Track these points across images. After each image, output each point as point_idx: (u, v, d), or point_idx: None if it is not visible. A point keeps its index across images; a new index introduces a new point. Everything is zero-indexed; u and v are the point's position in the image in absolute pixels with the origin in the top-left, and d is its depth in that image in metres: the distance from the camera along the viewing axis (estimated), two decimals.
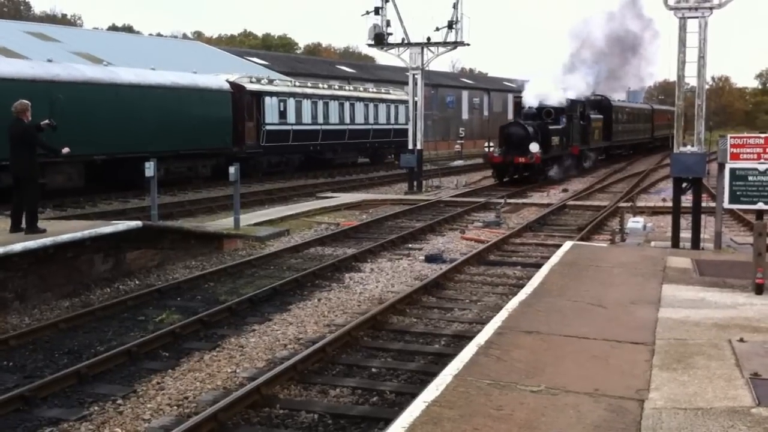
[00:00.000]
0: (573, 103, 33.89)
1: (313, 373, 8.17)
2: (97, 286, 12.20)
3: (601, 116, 39.75)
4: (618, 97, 50.16)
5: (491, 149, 34.94)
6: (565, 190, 27.86)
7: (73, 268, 11.95)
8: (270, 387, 7.51)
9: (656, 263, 10.41)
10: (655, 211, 21.00)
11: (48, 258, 11.36)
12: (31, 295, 11.05)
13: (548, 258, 11.64)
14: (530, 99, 31.99)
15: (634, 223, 16.31)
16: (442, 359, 8.46)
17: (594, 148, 38.51)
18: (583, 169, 36.18)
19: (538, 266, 11.82)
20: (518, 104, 31.82)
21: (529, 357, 6.16)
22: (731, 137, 11.91)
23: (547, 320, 7.29)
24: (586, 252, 11.59)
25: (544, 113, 31.92)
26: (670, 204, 18.54)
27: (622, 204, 21.67)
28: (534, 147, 29.07)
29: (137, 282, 12.75)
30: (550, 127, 31.50)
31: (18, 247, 10.77)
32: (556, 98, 32.44)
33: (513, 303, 8.00)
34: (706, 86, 15.11)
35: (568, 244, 12.22)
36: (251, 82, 32.15)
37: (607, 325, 7.18)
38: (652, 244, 14.72)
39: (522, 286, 9.81)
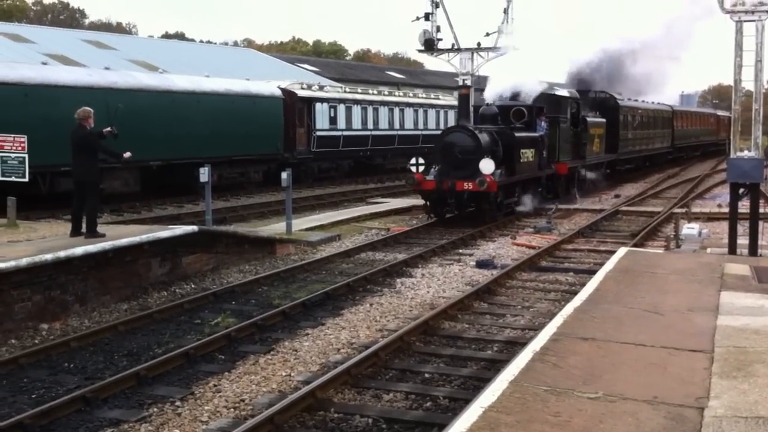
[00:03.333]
0: (560, 101, 24.32)
1: (367, 378, 8.23)
2: (154, 289, 12.44)
3: (603, 120, 29.39)
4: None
5: (420, 169, 19.80)
6: (617, 196, 27.53)
7: (132, 272, 12.19)
8: (325, 391, 7.59)
9: (713, 270, 10.25)
10: (710, 218, 20.64)
11: (107, 262, 11.62)
12: (90, 298, 11.32)
13: (601, 264, 11.53)
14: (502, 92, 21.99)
15: (689, 229, 16.05)
16: (495, 365, 8.47)
17: (592, 163, 27.92)
18: (574, 196, 25.44)
19: (591, 272, 11.74)
20: (466, 98, 20.67)
21: (585, 364, 6.13)
22: None
23: (603, 327, 7.24)
24: (640, 258, 11.46)
25: (512, 114, 21.67)
26: (725, 210, 18.23)
27: (676, 210, 21.36)
28: (486, 166, 18.42)
29: (193, 286, 12.97)
30: (518, 135, 20.79)
31: (79, 251, 11.04)
32: (536, 91, 22.57)
33: (568, 309, 7.96)
34: (763, 90, 14.84)
35: (622, 251, 12.10)
36: (302, 88, 32.43)
37: (665, 332, 7.10)
38: (708, 250, 14.47)
39: (575, 293, 9.76)
